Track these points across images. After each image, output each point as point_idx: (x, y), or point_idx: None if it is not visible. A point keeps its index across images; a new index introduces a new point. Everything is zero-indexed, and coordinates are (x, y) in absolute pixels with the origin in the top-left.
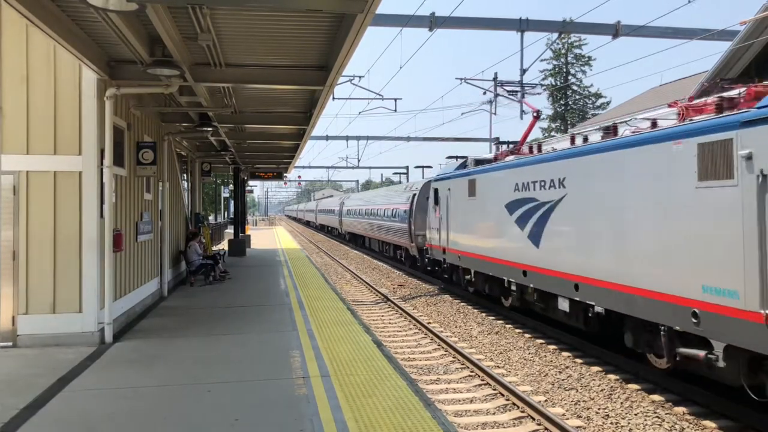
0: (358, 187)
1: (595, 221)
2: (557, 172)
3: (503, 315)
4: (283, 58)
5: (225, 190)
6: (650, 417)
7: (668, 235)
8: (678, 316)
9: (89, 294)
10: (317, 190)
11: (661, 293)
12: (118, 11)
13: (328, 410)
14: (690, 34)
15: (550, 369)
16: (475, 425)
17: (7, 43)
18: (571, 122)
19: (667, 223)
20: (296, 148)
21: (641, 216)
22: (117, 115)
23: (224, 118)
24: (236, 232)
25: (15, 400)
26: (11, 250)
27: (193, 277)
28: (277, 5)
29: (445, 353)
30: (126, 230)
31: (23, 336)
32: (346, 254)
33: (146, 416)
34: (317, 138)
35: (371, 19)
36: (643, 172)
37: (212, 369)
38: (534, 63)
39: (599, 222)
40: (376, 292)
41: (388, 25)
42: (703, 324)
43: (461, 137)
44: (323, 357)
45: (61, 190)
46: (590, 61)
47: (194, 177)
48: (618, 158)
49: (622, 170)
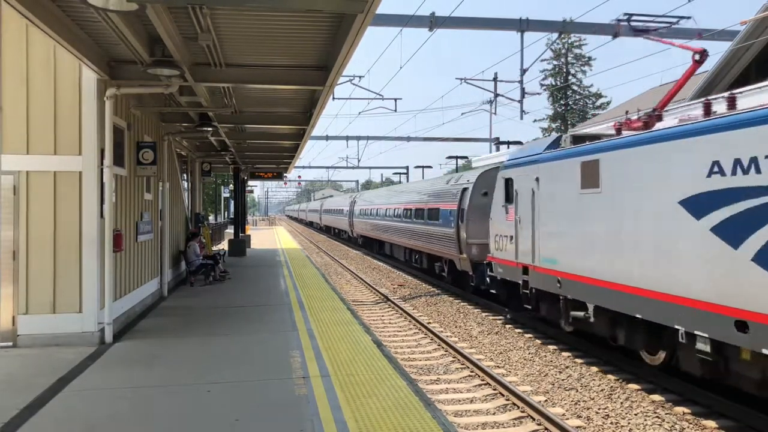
0: (358, 187)
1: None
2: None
3: (503, 315)
4: (283, 58)
5: (225, 190)
6: (650, 417)
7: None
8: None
9: (89, 294)
10: (317, 190)
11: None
12: (118, 11)
13: (328, 410)
14: (690, 34)
15: (550, 369)
16: (475, 425)
17: (7, 43)
18: (571, 122)
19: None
20: (296, 148)
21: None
22: (117, 115)
23: (224, 118)
24: (236, 232)
25: (15, 400)
26: (11, 250)
27: (193, 277)
28: (277, 5)
29: (445, 353)
30: (126, 230)
31: (23, 336)
32: (346, 254)
33: (146, 416)
34: (317, 138)
35: (371, 19)
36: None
37: (212, 369)
38: (534, 63)
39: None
40: (376, 292)
41: (388, 25)
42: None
43: (461, 137)
44: (323, 357)
45: (61, 190)
46: (590, 61)
47: (194, 177)
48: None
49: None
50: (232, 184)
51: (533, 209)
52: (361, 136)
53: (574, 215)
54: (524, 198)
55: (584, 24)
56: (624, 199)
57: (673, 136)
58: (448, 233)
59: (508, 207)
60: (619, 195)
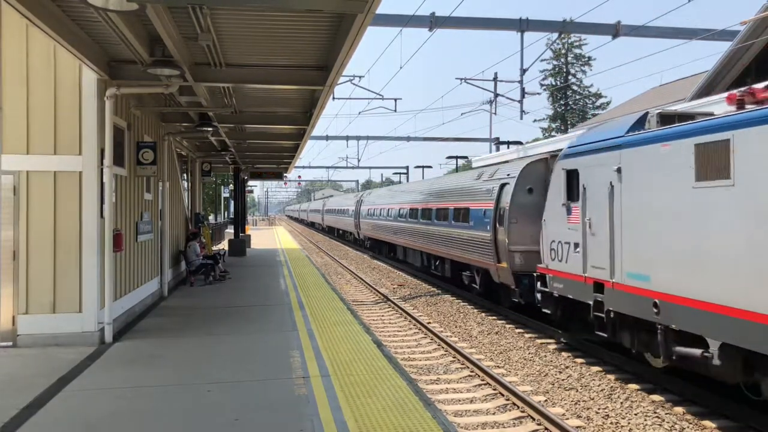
0: (357, 187)
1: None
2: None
3: (503, 315)
4: (283, 58)
5: (225, 190)
6: (650, 417)
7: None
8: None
9: (89, 294)
10: (317, 190)
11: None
12: (118, 11)
13: (328, 410)
14: (690, 34)
15: (550, 369)
16: (475, 425)
17: (7, 43)
18: (571, 122)
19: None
20: (296, 148)
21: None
22: (117, 115)
23: (224, 118)
24: (236, 232)
25: (15, 400)
26: (11, 250)
27: (193, 277)
28: (277, 5)
29: (445, 353)
30: (126, 230)
31: (23, 336)
32: (346, 254)
33: (146, 416)
34: (317, 138)
35: (371, 19)
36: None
37: (212, 369)
38: (534, 63)
39: None
40: (376, 292)
41: (388, 25)
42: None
43: (461, 137)
44: (323, 357)
45: (61, 190)
46: (590, 61)
47: (194, 177)
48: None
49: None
50: (232, 184)
51: (612, 209)
52: (361, 136)
53: (683, 216)
54: (597, 194)
55: (584, 24)
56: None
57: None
58: (481, 238)
59: (570, 206)
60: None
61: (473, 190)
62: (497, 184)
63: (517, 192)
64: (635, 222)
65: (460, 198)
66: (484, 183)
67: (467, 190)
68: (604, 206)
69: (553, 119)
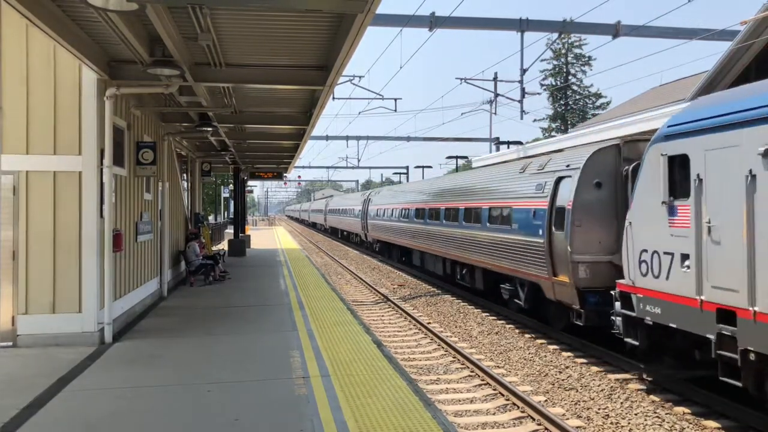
0: (357, 187)
1: None
2: None
3: (503, 315)
4: (283, 58)
5: (225, 190)
6: (650, 417)
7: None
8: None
9: (89, 294)
10: (317, 190)
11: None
12: (118, 11)
13: (328, 410)
14: (690, 34)
15: (550, 369)
16: (475, 425)
17: (7, 43)
18: (572, 122)
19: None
20: (296, 148)
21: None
22: (117, 115)
23: (224, 118)
24: (236, 232)
25: (15, 400)
26: (11, 250)
27: (192, 277)
28: (277, 5)
29: (445, 353)
30: (126, 230)
31: (23, 336)
32: (345, 254)
33: (146, 416)
34: (317, 138)
35: (371, 19)
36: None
37: (212, 369)
38: (534, 63)
39: None
40: (376, 292)
41: (388, 25)
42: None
43: (461, 137)
44: (323, 357)
45: (61, 190)
46: (590, 61)
47: (194, 177)
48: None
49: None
50: (232, 184)
51: (750, 207)
52: (361, 136)
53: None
54: (725, 188)
55: (584, 24)
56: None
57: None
58: (529, 244)
59: (675, 205)
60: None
61: (516, 186)
62: (551, 177)
63: (582, 187)
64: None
65: (497, 195)
66: (532, 177)
67: (507, 186)
68: (739, 204)
69: (553, 119)
